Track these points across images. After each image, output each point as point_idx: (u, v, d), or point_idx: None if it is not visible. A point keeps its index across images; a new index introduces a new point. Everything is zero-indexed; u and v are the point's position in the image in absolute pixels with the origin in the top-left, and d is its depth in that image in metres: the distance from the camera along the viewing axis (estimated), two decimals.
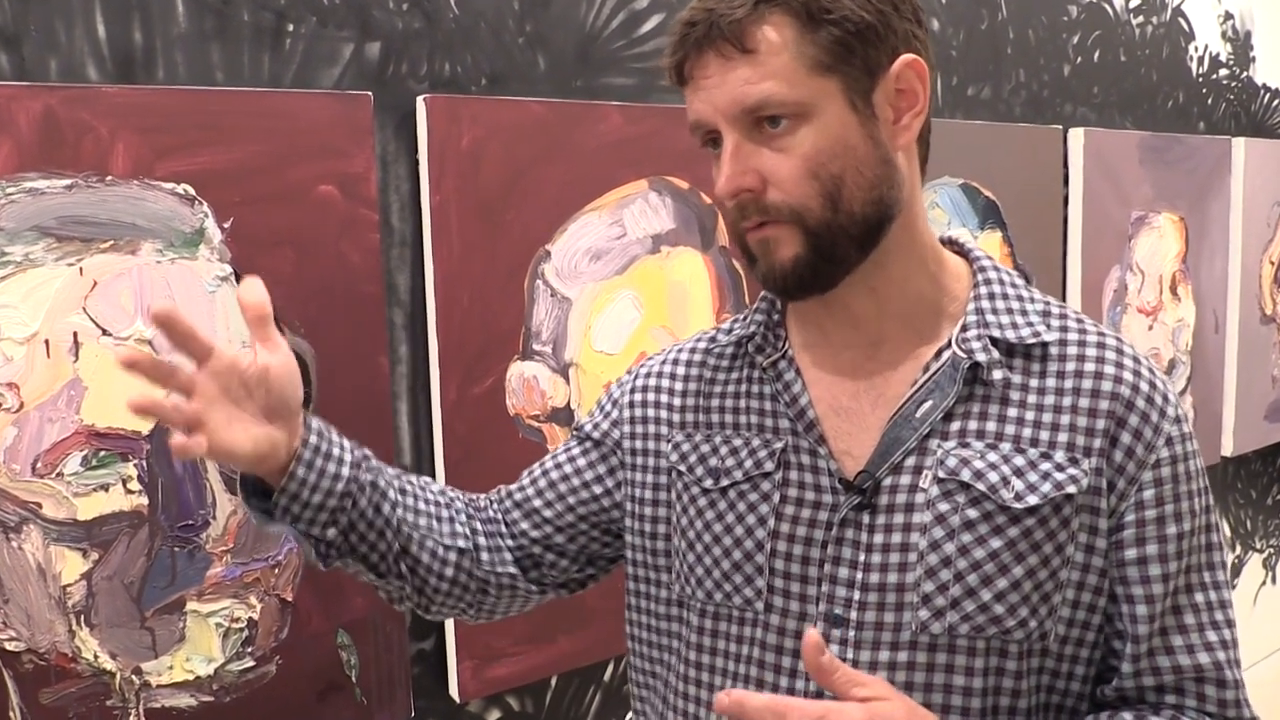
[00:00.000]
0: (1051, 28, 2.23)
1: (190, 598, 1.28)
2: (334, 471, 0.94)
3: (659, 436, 1.03)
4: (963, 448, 0.89)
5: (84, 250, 1.19)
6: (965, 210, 2.06)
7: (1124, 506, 0.89)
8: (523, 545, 1.09)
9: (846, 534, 0.91)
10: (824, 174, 0.85)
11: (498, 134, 1.44)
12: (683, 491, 1.00)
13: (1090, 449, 0.89)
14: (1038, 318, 0.93)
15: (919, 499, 0.89)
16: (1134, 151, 2.35)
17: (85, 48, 1.20)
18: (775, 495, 0.94)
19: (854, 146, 0.86)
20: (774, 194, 0.86)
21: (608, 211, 1.56)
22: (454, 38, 1.44)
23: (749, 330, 0.99)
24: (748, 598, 0.94)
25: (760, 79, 0.84)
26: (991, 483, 0.88)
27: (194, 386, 0.88)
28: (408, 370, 1.44)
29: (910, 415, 0.91)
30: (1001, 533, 0.87)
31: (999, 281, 0.95)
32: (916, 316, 0.93)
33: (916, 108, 0.88)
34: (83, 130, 1.17)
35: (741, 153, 0.86)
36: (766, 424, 0.97)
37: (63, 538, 1.21)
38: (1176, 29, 2.52)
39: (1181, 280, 2.52)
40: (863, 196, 0.86)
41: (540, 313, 1.50)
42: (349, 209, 1.34)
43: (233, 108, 1.26)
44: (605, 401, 1.10)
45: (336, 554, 0.99)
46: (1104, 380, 0.90)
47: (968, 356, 0.90)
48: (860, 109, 0.86)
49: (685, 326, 1.63)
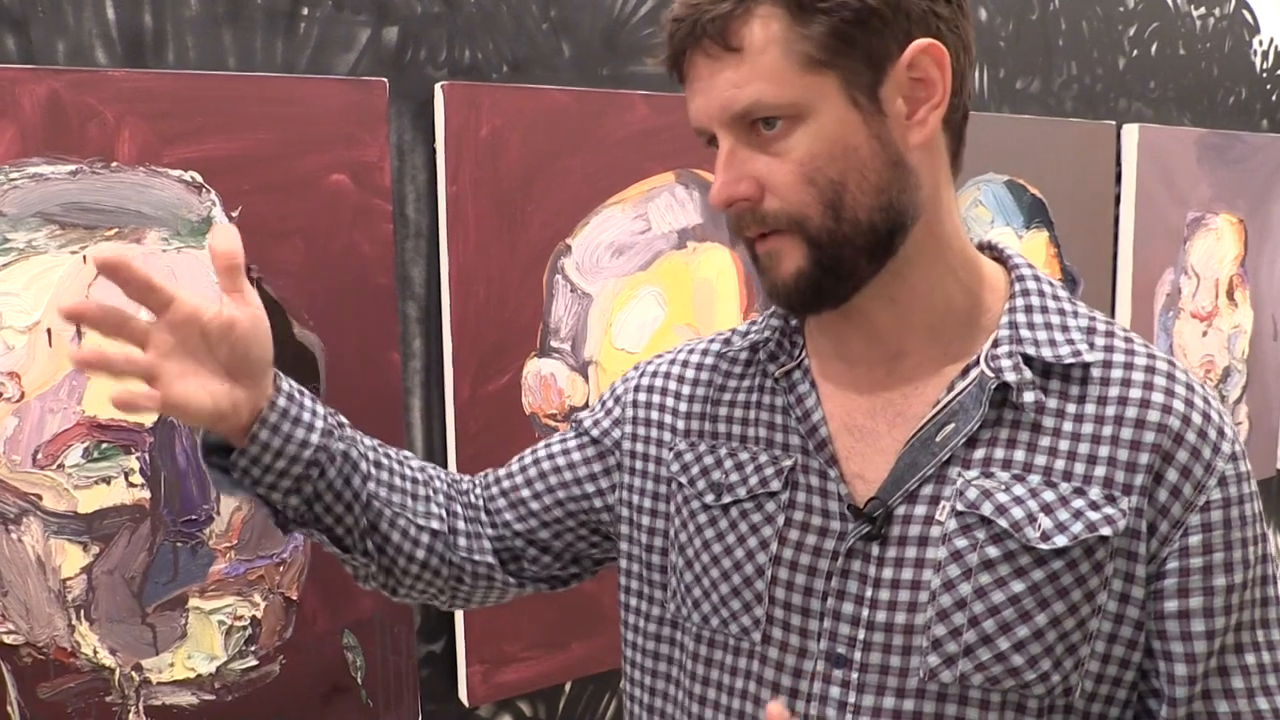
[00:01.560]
0: (1106, 19, 2.14)
1: (192, 594, 1.26)
2: (301, 438, 0.88)
3: (661, 443, 0.96)
4: (986, 478, 0.81)
5: (88, 238, 1.16)
6: (1010, 208, 1.98)
7: (1166, 552, 0.80)
8: (503, 536, 1.02)
9: (853, 566, 0.83)
10: (821, 179, 0.77)
11: (518, 123, 1.40)
12: (683, 505, 0.93)
13: (1131, 486, 0.79)
14: (1080, 335, 0.83)
15: (934, 532, 0.81)
16: (1192, 149, 2.26)
17: (94, 30, 1.18)
18: (780, 518, 0.86)
19: (855, 148, 0.78)
20: (771, 202, 0.79)
21: (632, 205, 1.51)
22: (475, 23, 1.39)
23: (763, 335, 0.92)
24: (744, 626, 0.87)
25: (747, 80, 0.77)
26: (1015, 519, 0.79)
27: (149, 337, 0.81)
28: (421, 366, 1.40)
29: (930, 439, 0.82)
30: (1024, 575, 0.79)
31: (1038, 293, 0.86)
32: (944, 329, 0.85)
33: (935, 99, 0.79)
34: (88, 115, 1.15)
35: (736, 159, 0.79)
36: (776, 439, 0.89)
37: (63, 530, 1.18)
38: (1240, 21, 2.42)
39: (1239, 284, 2.42)
40: (868, 203, 0.78)
41: (559, 308, 1.46)
42: (361, 199, 1.31)
43: (242, 93, 1.23)
44: (608, 397, 1.03)
45: (299, 522, 0.93)
46: (1151, 409, 0.80)
47: (996, 376, 0.81)
48: (864, 106, 0.77)
49: (711, 325, 1.57)
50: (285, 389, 0.89)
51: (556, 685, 1.55)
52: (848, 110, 0.77)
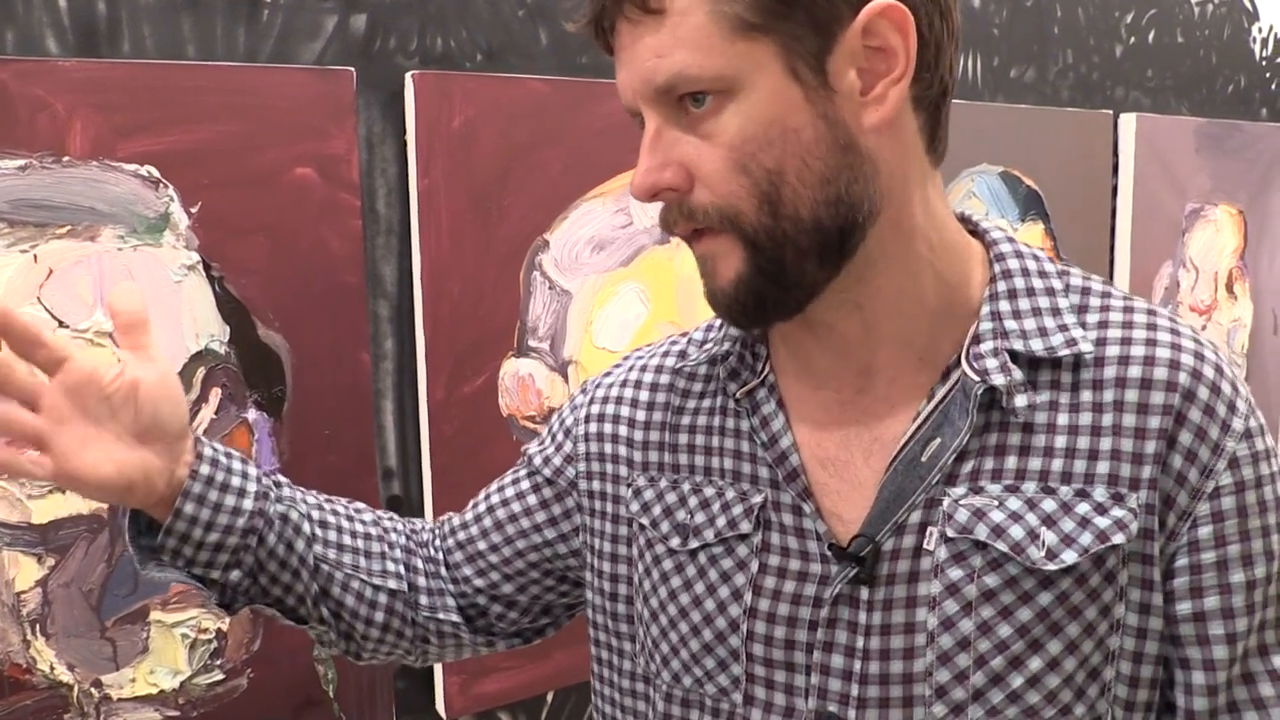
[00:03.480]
0: (1103, 5, 2.09)
1: (154, 607, 1.21)
2: (233, 505, 0.80)
3: (618, 479, 0.86)
4: (974, 494, 0.71)
5: (38, 236, 1.11)
6: (1005, 201, 1.93)
7: (1175, 548, 0.71)
8: (465, 593, 0.94)
9: (840, 613, 0.73)
10: (755, 167, 0.66)
11: (493, 114, 1.35)
12: (645, 549, 0.83)
13: (1138, 480, 0.70)
14: (1072, 316, 0.73)
15: (924, 565, 0.71)
16: (1190, 139, 2.21)
17: (44, 18, 1.12)
18: (753, 563, 0.76)
19: (796, 130, 0.66)
20: (701, 193, 0.68)
21: (613, 198, 1.45)
22: (447, 10, 1.34)
23: (723, 348, 0.80)
24: (722, 686, 0.77)
25: (670, 49, 0.65)
26: (1015, 540, 0.70)
27: (40, 397, 0.72)
28: (393, 367, 1.35)
29: (915, 459, 0.72)
30: (1031, 601, 0.70)
31: (1021, 272, 0.74)
32: (916, 333, 0.74)
33: (896, 72, 0.67)
34: (37, 107, 1.09)
35: (662, 141, 0.68)
36: (743, 470, 0.79)
37: (16, 542, 1.13)
38: (1238, 8, 2.37)
39: (1239, 277, 2.37)
40: (811, 196, 0.67)
41: (537, 306, 1.41)
42: (328, 193, 1.25)
43: (202, 84, 1.17)
44: (557, 428, 0.92)
45: (244, 598, 0.86)
46: (1154, 390, 0.70)
47: (981, 379, 0.71)
48: (806, 79, 0.66)
49: (694, 322, 1.52)
50: (208, 454, 0.81)
51: (538, 696, 1.50)
52: (787, 84, 0.66)
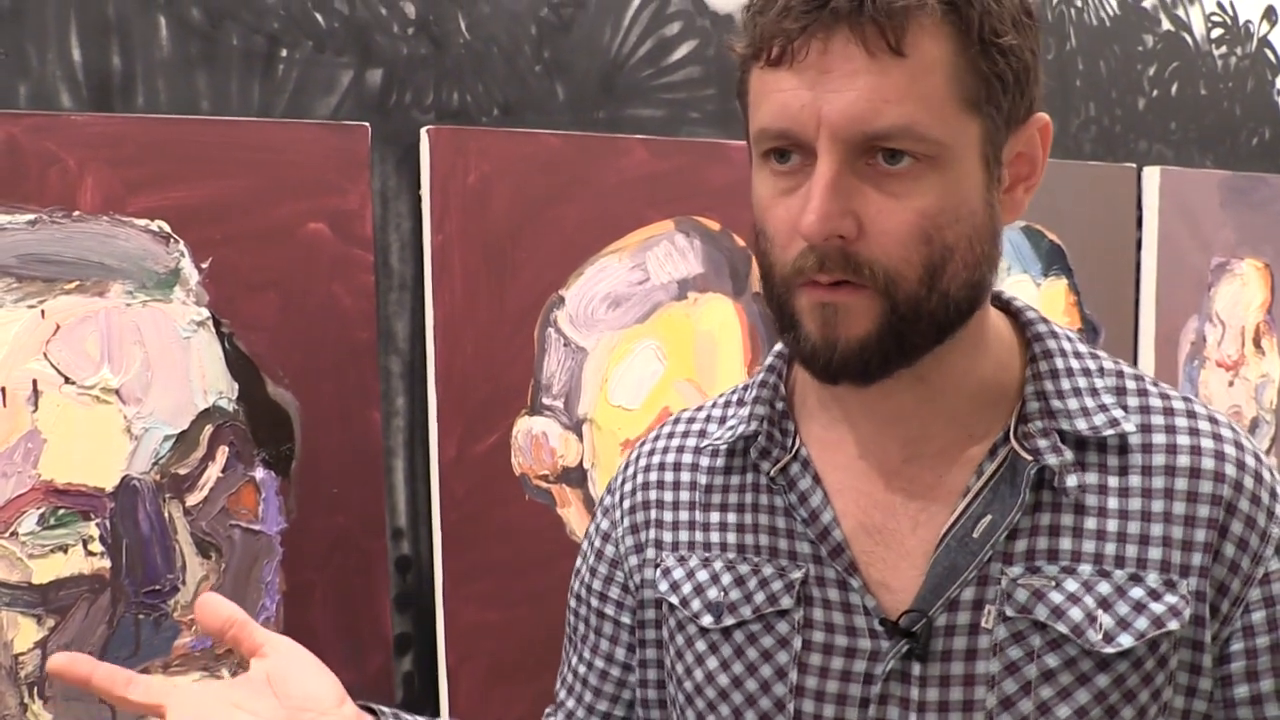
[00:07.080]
0: (1125, 58, 2.08)
1: (156, 669, 1.18)
2: None
3: (645, 562, 0.85)
4: (1031, 574, 0.72)
5: (47, 291, 1.10)
6: (1028, 256, 1.91)
7: (1229, 633, 0.73)
8: None
9: (892, 690, 0.73)
10: (937, 238, 0.66)
11: (509, 169, 1.34)
12: (676, 631, 0.81)
13: (1189, 567, 0.72)
14: (1110, 397, 0.75)
15: (982, 643, 0.72)
16: (1215, 192, 2.19)
17: (58, 72, 1.12)
18: (796, 640, 0.75)
19: (974, 212, 0.68)
20: (870, 249, 0.66)
21: (629, 254, 1.44)
22: (464, 65, 1.34)
23: (750, 428, 0.79)
24: None
25: (902, 97, 0.63)
26: (1075, 622, 0.71)
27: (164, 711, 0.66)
28: (404, 424, 1.33)
29: (966, 535, 0.73)
30: (1089, 683, 0.71)
31: (1060, 352, 0.77)
32: (968, 410, 0.76)
33: (1032, 179, 0.72)
34: (49, 161, 1.09)
35: (842, 188, 0.65)
36: (780, 546, 0.78)
37: (15, 603, 1.11)
38: (1262, 60, 2.36)
39: (1266, 332, 2.34)
40: (966, 277, 0.69)
41: (552, 363, 1.39)
42: (341, 249, 1.24)
43: (215, 138, 1.16)
44: (598, 559, 0.88)
45: None
46: (1203, 479, 0.73)
47: (1034, 458, 0.72)
48: (990, 167, 0.69)
49: (713, 380, 1.50)
50: None
51: None
52: (979, 167, 0.68)
